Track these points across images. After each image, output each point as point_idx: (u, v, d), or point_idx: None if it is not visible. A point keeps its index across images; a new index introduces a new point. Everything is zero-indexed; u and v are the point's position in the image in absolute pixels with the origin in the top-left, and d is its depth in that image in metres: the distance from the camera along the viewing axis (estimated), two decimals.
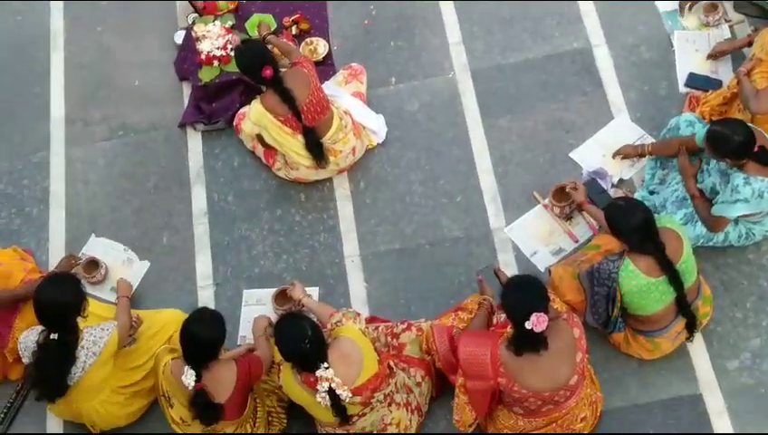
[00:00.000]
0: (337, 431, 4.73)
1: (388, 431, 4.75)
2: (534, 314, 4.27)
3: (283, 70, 5.51)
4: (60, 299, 4.74)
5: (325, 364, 4.42)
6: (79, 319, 4.82)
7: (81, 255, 5.71)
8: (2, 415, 5.30)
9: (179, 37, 6.36)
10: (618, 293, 4.70)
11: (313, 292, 5.47)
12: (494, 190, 5.72)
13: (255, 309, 5.42)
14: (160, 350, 4.99)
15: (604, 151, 5.66)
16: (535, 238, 5.51)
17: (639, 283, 4.64)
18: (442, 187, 5.78)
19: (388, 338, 5.04)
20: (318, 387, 4.44)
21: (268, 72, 5.31)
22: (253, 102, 5.52)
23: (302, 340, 4.41)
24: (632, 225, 4.62)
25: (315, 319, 4.73)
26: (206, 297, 5.58)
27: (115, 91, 6.33)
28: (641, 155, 5.50)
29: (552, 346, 4.38)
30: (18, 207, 5.99)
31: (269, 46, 5.73)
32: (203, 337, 4.58)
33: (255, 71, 5.35)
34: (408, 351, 4.98)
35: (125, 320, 5.05)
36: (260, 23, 6.12)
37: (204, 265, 5.71)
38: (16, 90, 6.42)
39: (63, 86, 6.39)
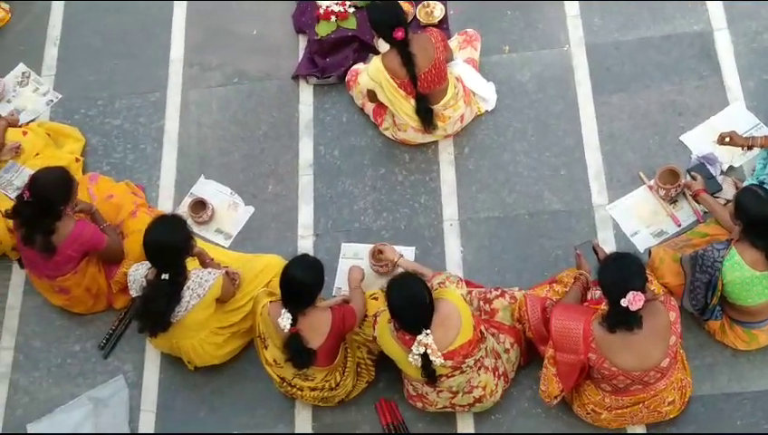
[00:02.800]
0: (424, 387, 4.82)
1: (474, 393, 4.82)
2: (631, 292, 4.26)
3: (411, 35, 5.51)
4: (167, 240, 4.89)
5: (427, 331, 4.49)
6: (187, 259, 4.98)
7: (190, 195, 5.89)
8: (104, 341, 5.53)
9: None
10: (719, 281, 4.65)
11: (410, 252, 5.55)
12: (599, 167, 5.69)
13: (352, 262, 5.51)
14: (259, 292, 5.13)
15: (716, 138, 5.57)
16: (637, 218, 5.47)
17: (743, 275, 4.59)
18: (547, 159, 5.77)
19: (481, 302, 5.09)
20: (413, 348, 4.51)
21: (400, 33, 5.33)
22: (374, 58, 5.58)
23: (416, 304, 4.48)
24: (761, 215, 4.56)
25: None
26: (305, 247, 5.69)
27: (233, 39, 6.46)
28: (750, 147, 5.35)
29: (646, 327, 4.37)
30: (133, 143, 6.18)
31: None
32: (302, 281, 4.69)
33: (387, 29, 5.38)
34: (500, 317, 5.03)
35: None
36: None
37: (305, 215, 5.83)
38: (140, 29, 6.59)
39: (184, 30, 6.54)
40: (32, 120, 6.23)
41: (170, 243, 4.89)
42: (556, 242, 5.50)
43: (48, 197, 5.08)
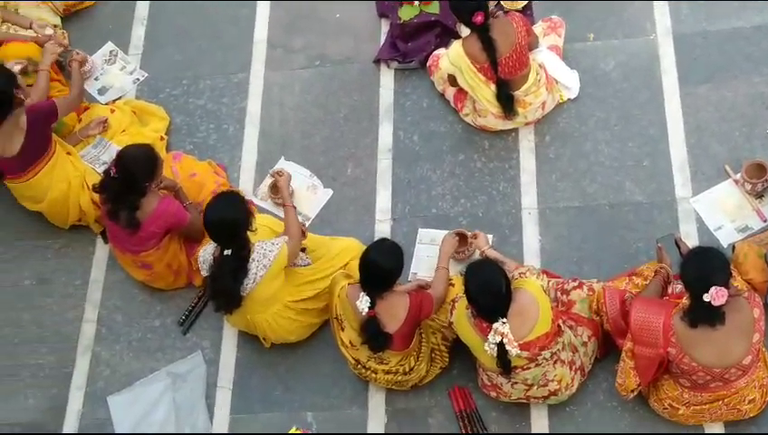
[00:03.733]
0: (499, 378, 4.81)
1: (549, 387, 4.79)
2: (714, 287, 4.19)
3: (492, 19, 5.48)
4: (227, 216, 4.95)
5: (504, 320, 4.47)
6: (249, 234, 5.02)
7: (270, 175, 5.92)
8: (183, 317, 5.64)
9: None
10: None
11: (487, 239, 5.53)
12: (683, 159, 5.59)
13: (429, 248, 5.52)
14: (337, 274, 5.17)
15: None
16: (722, 213, 5.37)
17: None
18: (629, 149, 5.69)
19: (558, 293, 5.05)
20: (489, 336, 4.51)
21: (479, 18, 5.31)
22: (455, 42, 5.57)
23: (493, 291, 4.47)
24: None
25: None
26: (382, 231, 5.71)
27: (317, 22, 6.50)
28: None
29: (728, 323, 4.30)
30: (216, 123, 6.26)
31: None
32: (382, 265, 4.72)
33: (467, 13, 5.37)
34: (577, 309, 4.98)
35: (295, 230, 5.21)
36: None
37: (383, 199, 5.84)
38: (225, 10, 6.67)
39: (269, 12, 6.59)
40: (118, 98, 6.36)
41: (229, 218, 4.94)
42: (637, 234, 5.42)
43: (134, 173, 5.18)
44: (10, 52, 6.04)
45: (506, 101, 5.56)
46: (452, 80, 5.68)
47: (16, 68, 5.81)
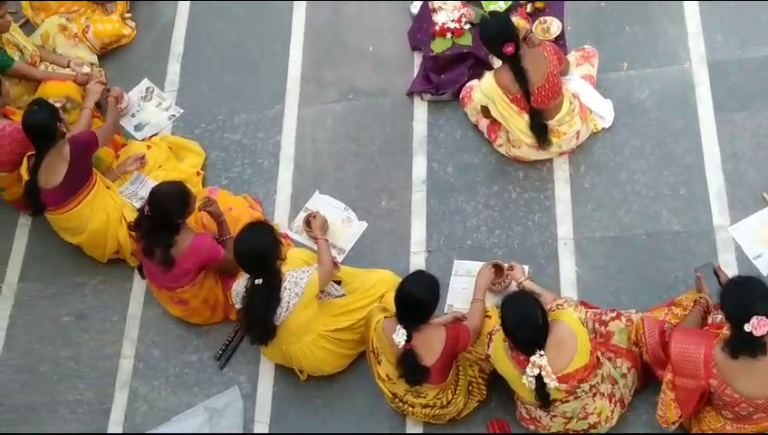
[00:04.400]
0: (537, 411, 4.77)
1: (589, 420, 4.74)
2: (755, 317, 4.13)
3: (524, 49, 5.50)
4: (256, 245, 5.00)
5: (541, 352, 4.44)
6: (280, 264, 5.06)
7: (304, 209, 5.97)
8: (220, 352, 5.65)
9: (416, 7, 6.48)
10: None
11: (523, 270, 5.49)
12: (720, 187, 5.54)
13: (465, 280, 5.50)
14: (373, 307, 5.17)
15: None
16: (761, 241, 5.30)
17: None
18: (665, 178, 5.65)
19: (596, 325, 5.00)
20: (527, 369, 4.47)
21: (510, 48, 5.32)
22: (487, 74, 5.58)
23: (530, 324, 4.44)
24: None
25: None
26: (417, 263, 5.70)
27: (349, 55, 6.54)
28: None
29: None
30: (251, 157, 6.30)
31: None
32: (419, 298, 4.70)
33: (497, 44, 5.38)
34: (616, 340, 4.92)
35: (327, 261, 5.23)
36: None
37: (418, 231, 5.84)
38: (261, 46, 6.73)
39: (302, 46, 6.65)
40: (154, 134, 6.44)
41: (258, 248, 4.98)
42: (675, 264, 5.37)
43: (167, 209, 5.23)
44: (49, 90, 6.15)
45: (540, 131, 5.55)
46: (485, 111, 5.68)
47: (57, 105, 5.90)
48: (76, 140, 5.63)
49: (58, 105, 5.92)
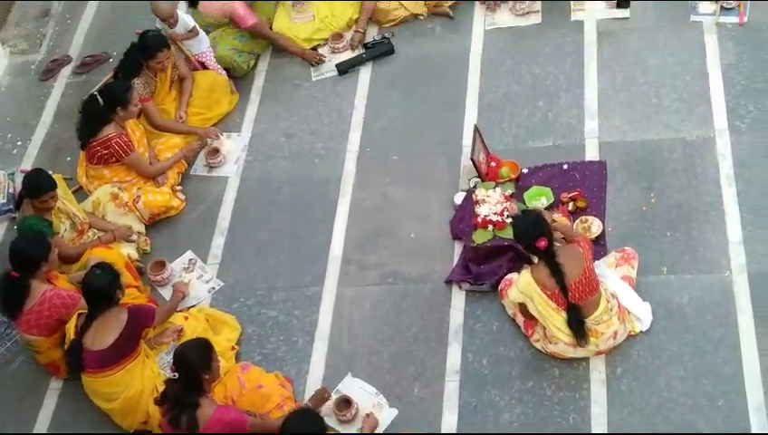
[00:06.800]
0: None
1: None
2: None
3: (558, 245, 5.58)
4: (306, 432, 4.98)
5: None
6: None
7: (336, 391, 5.92)
8: None
9: (459, 198, 6.61)
10: None
11: None
12: (759, 400, 5.44)
13: None
14: None
15: None
16: None
17: None
18: (704, 387, 5.56)
19: None
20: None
21: (543, 243, 5.41)
22: (523, 271, 5.62)
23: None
24: None
25: None
26: None
27: (392, 240, 6.64)
28: None
29: None
30: (286, 335, 6.31)
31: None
32: None
33: (530, 240, 5.47)
34: None
35: None
36: None
37: (449, 423, 5.74)
38: (305, 227, 6.86)
39: (345, 228, 6.78)
40: (192, 306, 6.49)
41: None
42: None
43: (191, 362, 5.25)
44: (95, 257, 6.26)
45: (578, 327, 5.53)
46: (523, 308, 5.70)
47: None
48: (136, 311, 5.79)
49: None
